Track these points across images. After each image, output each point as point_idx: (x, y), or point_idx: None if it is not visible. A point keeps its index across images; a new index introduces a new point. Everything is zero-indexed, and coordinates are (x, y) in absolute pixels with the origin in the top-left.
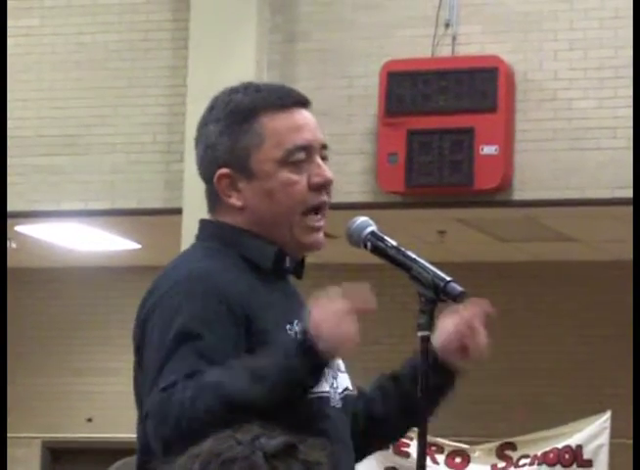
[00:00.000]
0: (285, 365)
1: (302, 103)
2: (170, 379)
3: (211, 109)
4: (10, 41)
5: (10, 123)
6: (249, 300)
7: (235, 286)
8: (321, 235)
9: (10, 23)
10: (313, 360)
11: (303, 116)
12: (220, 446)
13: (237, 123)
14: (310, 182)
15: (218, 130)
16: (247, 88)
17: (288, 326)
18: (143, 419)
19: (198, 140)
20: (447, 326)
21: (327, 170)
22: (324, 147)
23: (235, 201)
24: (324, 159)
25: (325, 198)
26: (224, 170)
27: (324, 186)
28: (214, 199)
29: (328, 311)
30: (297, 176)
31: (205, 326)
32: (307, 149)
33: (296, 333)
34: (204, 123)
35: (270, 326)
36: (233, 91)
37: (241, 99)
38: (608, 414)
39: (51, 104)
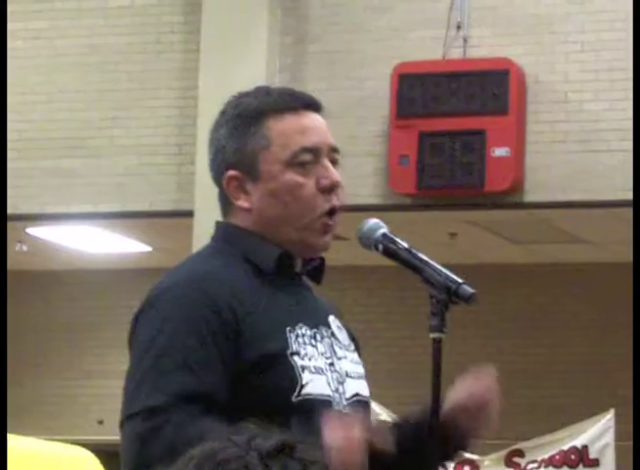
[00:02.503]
0: None
1: (312, 106)
2: (157, 399)
3: (222, 113)
4: (20, 44)
5: (21, 126)
6: (243, 300)
7: (230, 287)
8: (329, 237)
9: (20, 25)
10: None
11: (312, 118)
12: (216, 447)
13: (244, 126)
14: (318, 185)
15: (227, 133)
16: (257, 92)
17: (288, 328)
18: (120, 424)
19: (209, 144)
20: (457, 397)
21: (334, 173)
22: (334, 150)
23: (242, 203)
24: (334, 162)
25: (335, 202)
26: (232, 173)
27: (332, 189)
28: (225, 201)
29: (344, 438)
30: (302, 179)
31: (192, 337)
32: (314, 151)
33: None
34: (215, 127)
35: (265, 327)
36: (243, 95)
37: (249, 102)
38: (611, 413)
39: (62, 106)
